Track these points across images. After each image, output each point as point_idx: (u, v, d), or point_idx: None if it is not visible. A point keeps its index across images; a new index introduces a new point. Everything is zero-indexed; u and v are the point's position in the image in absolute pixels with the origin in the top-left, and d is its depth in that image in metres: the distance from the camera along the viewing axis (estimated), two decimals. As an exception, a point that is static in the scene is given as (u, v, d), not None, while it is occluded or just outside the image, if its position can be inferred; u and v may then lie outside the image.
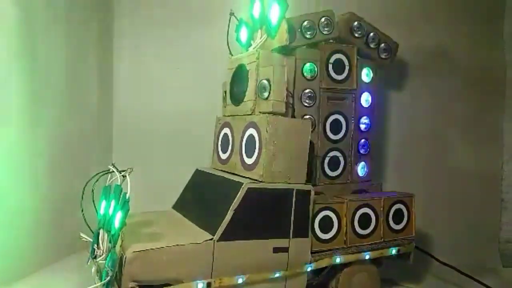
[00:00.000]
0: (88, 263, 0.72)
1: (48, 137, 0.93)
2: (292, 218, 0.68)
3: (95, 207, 0.74)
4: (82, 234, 0.78)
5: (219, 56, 1.11)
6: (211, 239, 0.62)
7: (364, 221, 0.78)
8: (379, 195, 0.82)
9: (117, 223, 0.59)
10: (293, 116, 0.76)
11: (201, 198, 0.76)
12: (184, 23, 1.14)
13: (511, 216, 1.06)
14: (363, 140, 0.86)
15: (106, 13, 1.15)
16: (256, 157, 0.69)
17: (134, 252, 0.57)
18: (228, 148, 0.79)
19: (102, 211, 0.70)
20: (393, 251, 0.80)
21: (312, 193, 0.70)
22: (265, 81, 0.69)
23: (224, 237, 0.63)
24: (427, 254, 0.89)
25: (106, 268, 0.56)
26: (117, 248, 0.59)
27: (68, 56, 0.99)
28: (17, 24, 0.82)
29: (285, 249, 0.68)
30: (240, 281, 0.64)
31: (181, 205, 0.80)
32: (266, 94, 0.69)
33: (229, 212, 0.64)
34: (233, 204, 0.64)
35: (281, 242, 0.67)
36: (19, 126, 0.85)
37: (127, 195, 0.60)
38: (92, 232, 0.77)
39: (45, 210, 0.93)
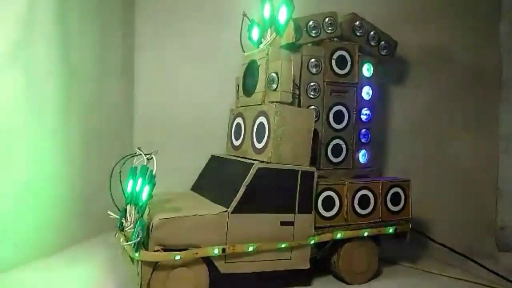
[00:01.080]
0: (116, 235, 0.82)
1: (79, 124, 1.03)
2: (297, 196, 0.77)
3: (121, 187, 0.85)
4: (109, 212, 0.89)
5: (232, 53, 1.22)
6: (226, 211, 0.71)
7: (364, 202, 0.86)
8: (378, 179, 0.90)
9: (144, 196, 0.68)
10: (299, 107, 0.85)
11: (216, 179, 0.85)
12: (201, 22, 1.24)
13: (506, 204, 1.12)
14: (364, 130, 0.94)
15: (127, 10, 1.24)
16: (266, 142, 0.78)
17: (160, 219, 0.66)
18: (240, 135, 0.88)
19: (129, 189, 0.80)
20: (390, 229, 0.88)
21: (315, 174, 0.79)
22: (273, 74, 0.77)
23: (237, 210, 0.72)
24: (423, 235, 0.97)
25: (136, 230, 0.65)
26: (145, 217, 0.68)
27: (96, 52, 1.10)
28: (54, 24, 0.93)
29: (291, 223, 0.76)
30: (251, 248, 0.72)
31: (198, 187, 0.90)
32: (274, 86, 0.78)
33: (241, 188, 0.73)
34: (245, 181, 0.73)
35: (287, 217, 0.76)
36: (55, 113, 0.95)
37: (154, 172, 0.69)
38: (119, 210, 0.88)
39: (76, 194, 1.03)
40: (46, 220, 0.94)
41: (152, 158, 0.79)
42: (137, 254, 0.65)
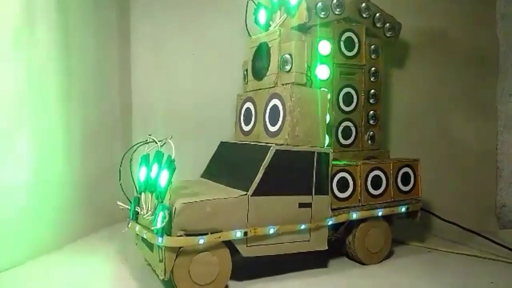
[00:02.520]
0: (129, 225, 0.80)
1: (79, 116, 1.00)
2: (314, 177, 0.76)
3: (132, 175, 0.83)
4: (119, 203, 0.86)
5: (233, 40, 1.21)
6: (246, 194, 0.70)
7: (376, 182, 0.86)
8: (388, 159, 0.91)
9: (163, 181, 0.66)
10: (310, 89, 0.84)
11: (230, 165, 0.84)
12: (199, 8, 1.22)
13: (506, 182, 1.15)
14: (372, 112, 0.95)
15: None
16: (281, 124, 0.77)
17: (182, 203, 0.65)
18: (251, 120, 0.87)
19: (142, 177, 0.78)
20: (403, 209, 0.89)
21: (331, 155, 0.78)
22: (287, 56, 0.77)
23: (256, 192, 0.71)
24: (431, 214, 0.98)
25: (159, 215, 0.63)
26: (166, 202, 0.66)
27: (94, 44, 1.07)
28: (55, 18, 0.90)
29: (308, 205, 0.76)
30: (271, 231, 0.72)
31: (209, 174, 0.88)
32: (288, 67, 0.77)
33: (260, 170, 0.72)
34: (263, 164, 0.72)
35: (305, 199, 0.76)
36: (56, 105, 0.92)
37: (172, 157, 0.67)
38: (129, 200, 0.86)
39: (78, 184, 1.00)
40: (52, 214, 0.91)
41: (164, 144, 0.77)
42: (160, 240, 0.64)
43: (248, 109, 0.89)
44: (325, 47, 0.86)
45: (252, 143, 0.81)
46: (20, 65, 0.81)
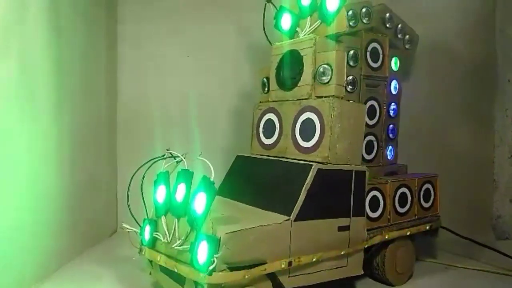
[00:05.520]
0: (143, 252, 0.70)
1: (70, 127, 0.88)
2: (352, 197, 0.71)
3: (142, 196, 0.72)
4: (124, 224, 0.76)
5: (231, 43, 1.14)
6: (288, 219, 0.63)
7: (403, 200, 0.83)
8: (412, 176, 0.88)
9: (201, 206, 0.58)
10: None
11: (256, 183, 0.76)
12: (192, 8, 1.14)
13: (501, 195, 1.18)
14: (391, 126, 0.92)
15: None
16: (317, 140, 0.71)
17: (226, 233, 0.56)
18: (274, 133, 0.80)
19: (160, 198, 0.68)
20: (427, 227, 0.86)
21: (367, 173, 0.74)
22: (325, 66, 0.71)
23: (299, 216, 0.64)
24: (449, 231, 0.97)
25: (207, 247, 0.54)
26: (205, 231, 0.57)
27: (83, 44, 0.95)
28: (46, 20, 0.77)
29: (347, 228, 0.71)
30: (314, 259, 0.66)
31: (229, 192, 0.79)
32: (326, 79, 0.71)
33: (302, 192, 0.65)
34: (305, 184, 0.65)
35: (344, 221, 0.70)
36: (47, 114, 0.80)
37: (211, 178, 0.58)
38: (137, 222, 0.75)
39: (66, 201, 0.88)
40: (39, 237, 0.78)
41: (181, 160, 0.69)
42: (203, 276, 0.55)
43: (270, 120, 0.82)
44: (354, 58, 0.81)
45: (284, 159, 0.74)
46: (12, 64, 0.68)
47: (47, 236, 0.80)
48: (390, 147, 0.92)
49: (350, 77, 0.81)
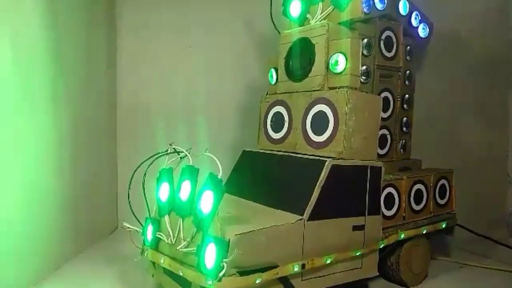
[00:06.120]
0: (146, 254, 0.66)
1: (70, 122, 0.83)
2: (367, 195, 0.67)
3: (144, 193, 0.68)
4: (125, 223, 0.72)
5: (237, 33, 1.09)
6: (301, 218, 0.59)
7: (418, 196, 0.79)
8: (428, 171, 0.84)
9: (208, 206, 0.53)
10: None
11: (265, 179, 0.72)
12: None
13: (515, 191, 1.14)
14: (405, 119, 0.87)
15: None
16: (331, 134, 0.66)
17: (236, 235, 0.52)
18: (283, 127, 0.76)
19: (164, 196, 0.64)
20: (444, 225, 0.82)
21: (383, 169, 0.69)
22: (339, 55, 0.66)
23: (313, 216, 0.60)
24: (465, 228, 0.93)
25: (216, 250, 0.50)
26: (213, 233, 0.53)
27: (82, 39, 0.90)
28: (42, 8, 0.73)
29: (362, 227, 0.67)
30: (328, 261, 0.62)
31: (234, 188, 0.75)
32: (339, 68, 0.67)
33: (315, 190, 0.61)
34: (319, 182, 0.61)
35: (359, 220, 0.66)
36: (45, 110, 0.75)
37: (219, 175, 0.54)
38: (138, 220, 0.71)
39: (66, 199, 0.84)
40: (39, 236, 0.74)
41: (186, 155, 0.64)
42: (211, 282, 0.51)
43: (278, 113, 0.77)
44: (368, 46, 0.76)
45: (294, 155, 0.70)
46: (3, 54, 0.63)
47: (47, 236, 0.76)
48: (403, 141, 0.88)
49: (364, 67, 0.77)
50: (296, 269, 0.58)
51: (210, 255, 0.51)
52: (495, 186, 1.14)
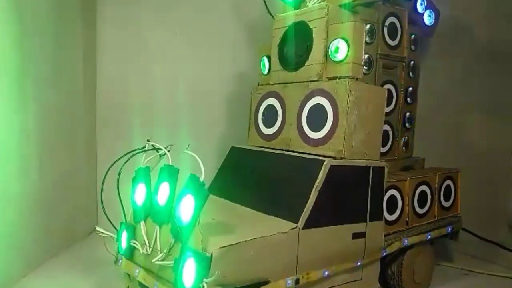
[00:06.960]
0: (120, 263, 0.58)
1: (38, 114, 0.75)
2: (369, 198, 0.60)
3: (119, 195, 0.60)
4: (98, 228, 0.64)
5: (225, 19, 1.00)
6: (295, 227, 0.52)
7: (422, 199, 0.73)
8: (432, 171, 0.77)
9: (188, 213, 0.46)
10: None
11: (255, 180, 0.64)
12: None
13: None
14: (408, 114, 0.81)
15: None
16: (329, 131, 0.59)
17: (220, 247, 0.45)
18: (275, 121, 0.68)
19: (139, 200, 0.57)
20: (449, 229, 0.76)
21: (386, 170, 0.62)
22: (340, 41, 0.58)
23: (308, 223, 0.53)
24: (470, 233, 0.86)
25: (195, 267, 0.43)
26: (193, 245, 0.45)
27: (53, 26, 0.80)
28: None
29: (362, 234, 0.60)
30: (325, 274, 0.54)
31: (220, 189, 0.68)
32: (340, 56, 0.59)
33: (312, 194, 0.54)
34: (316, 185, 0.54)
35: (359, 227, 0.59)
36: (9, 103, 0.66)
37: (201, 177, 0.46)
38: (113, 225, 0.64)
39: (35, 199, 0.75)
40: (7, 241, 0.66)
41: (165, 154, 0.57)
42: (190, 303, 0.43)
43: (271, 107, 0.70)
44: (370, 33, 0.69)
45: (288, 153, 0.62)
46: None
47: (12, 239, 0.68)
48: (405, 137, 0.81)
49: (366, 56, 0.69)
50: (289, 284, 0.50)
51: (189, 272, 0.43)
52: (499, 186, 1.08)
